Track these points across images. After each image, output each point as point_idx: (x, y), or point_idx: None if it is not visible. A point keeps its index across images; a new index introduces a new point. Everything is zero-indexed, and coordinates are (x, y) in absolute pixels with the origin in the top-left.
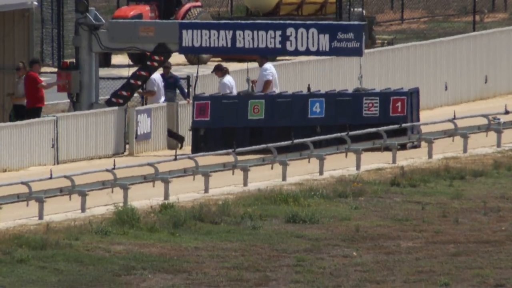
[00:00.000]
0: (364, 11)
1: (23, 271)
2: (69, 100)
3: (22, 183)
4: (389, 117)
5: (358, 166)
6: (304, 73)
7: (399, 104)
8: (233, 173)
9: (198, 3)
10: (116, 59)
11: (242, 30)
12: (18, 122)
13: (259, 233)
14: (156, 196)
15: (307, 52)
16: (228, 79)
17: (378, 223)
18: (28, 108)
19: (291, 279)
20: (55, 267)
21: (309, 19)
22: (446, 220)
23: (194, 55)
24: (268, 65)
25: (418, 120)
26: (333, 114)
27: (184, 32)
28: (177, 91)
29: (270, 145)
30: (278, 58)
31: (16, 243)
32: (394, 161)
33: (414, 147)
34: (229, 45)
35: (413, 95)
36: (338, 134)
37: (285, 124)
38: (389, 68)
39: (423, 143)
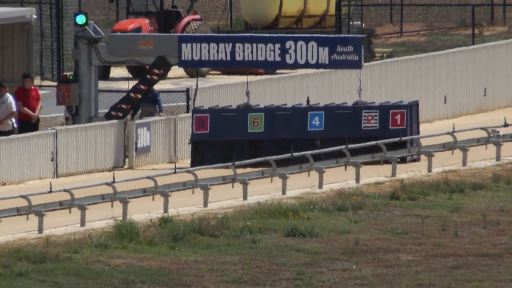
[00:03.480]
0: (363, 24)
1: (22, 284)
2: (63, 114)
3: (22, 196)
4: (389, 130)
5: (357, 179)
6: (304, 86)
7: (398, 117)
8: (232, 187)
9: (198, 16)
10: (115, 72)
11: (241, 44)
12: (18, 136)
13: (258, 247)
14: (156, 210)
15: (307, 65)
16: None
17: (378, 237)
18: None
19: None
20: (55, 281)
21: (308, 32)
22: (446, 233)
23: (194, 68)
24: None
25: (418, 133)
26: (332, 127)
27: (183, 45)
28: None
29: (269, 158)
30: (278, 71)
31: (15, 257)
32: (393, 174)
33: (414, 160)
34: (229, 58)
35: (412, 108)
36: (338, 147)
37: (284, 137)
38: (388, 81)
39: (422, 156)
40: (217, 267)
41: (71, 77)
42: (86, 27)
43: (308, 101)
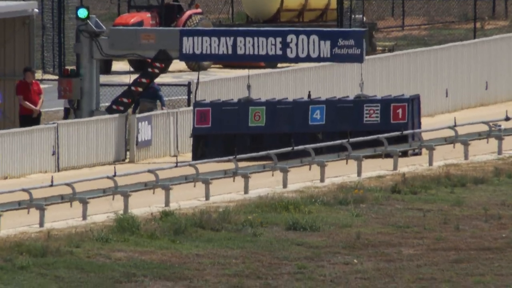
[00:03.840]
0: (365, 18)
1: (24, 278)
2: (63, 108)
3: (23, 190)
4: (390, 124)
5: (359, 173)
6: (305, 80)
7: (400, 111)
8: (233, 180)
9: (199, 10)
10: (117, 66)
11: (242, 37)
12: (19, 129)
13: (260, 241)
14: (157, 203)
15: (308, 59)
16: None
17: (379, 230)
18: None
19: (292, 287)
20: (56, 275)
21: (310, 25)
22: (447, 227)
23: (195, 62)
24: None
25: (419, 126)
26: (334, 121)
27: (184, 39)
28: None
29: (270, 152)
30: (279, 65)
31: (17, 250)
32: (395, 168)
33: (415, 154)
34: (230, 52)
35: (414, 101)
36: (339, 141)
37: (286, 131)
38: (390, 74)
39: (424, 150)
40: (218, 260)
41: (72, 71)
42: (88, 21)
43: (309, 95)
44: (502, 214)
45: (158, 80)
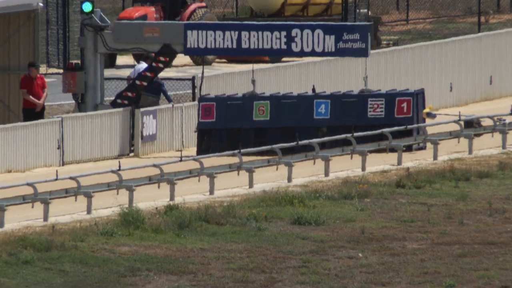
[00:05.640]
0: (369, 12)
1: (28, 272)
2: (74, 101)
3: (28, 184)
4: (395, 118)
5: (363, 168)
6: (310, 74)
7: (404, 105)
8: (238, 174)
9: (203, 4)
10: (121, 59)
11: (247, 31)
12: (24, 123)
13: (264, 235)
14: (162, 197)
15: (313, 53)
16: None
17: (384, 225)
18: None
19: (296, 281)
20: (61, 269)
21: (314, 20)
22: (452, 222)
23: (199, 56)
24: None
25: (424, 121)
26: (338, 115)
27: (189, 33)
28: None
29: (275, 146)
30: (284, 59)
31: (21, 245)
32: (399, 162)
33: (420, 148)
34: (234, 46)
35: (418, 96)
36: (343, 136)
37: (290, 125)
38: (394, 69)
39: (428, 144)
40: (223, 255)
41: (76, 65)
42: (92, 15)
43: (313, 89)
44: (507, 208)
45: (163, 74)
